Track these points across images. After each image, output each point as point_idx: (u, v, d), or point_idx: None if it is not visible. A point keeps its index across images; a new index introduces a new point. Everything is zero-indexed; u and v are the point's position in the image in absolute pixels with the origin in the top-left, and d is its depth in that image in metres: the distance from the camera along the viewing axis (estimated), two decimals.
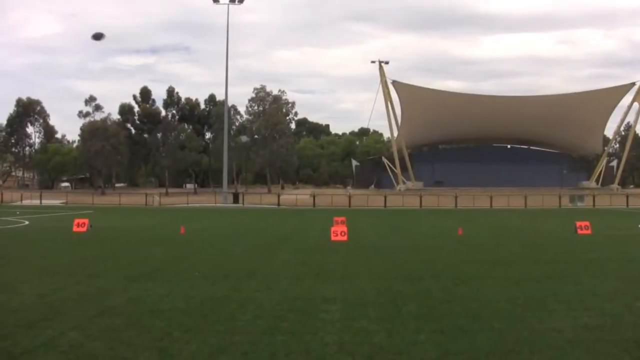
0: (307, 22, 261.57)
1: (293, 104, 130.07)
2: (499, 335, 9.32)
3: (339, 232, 26.14)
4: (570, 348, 8.66)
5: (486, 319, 10.46)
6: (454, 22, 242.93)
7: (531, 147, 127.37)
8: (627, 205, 74.95)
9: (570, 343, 8.91)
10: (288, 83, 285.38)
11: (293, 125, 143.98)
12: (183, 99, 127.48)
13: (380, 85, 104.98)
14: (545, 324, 10.10)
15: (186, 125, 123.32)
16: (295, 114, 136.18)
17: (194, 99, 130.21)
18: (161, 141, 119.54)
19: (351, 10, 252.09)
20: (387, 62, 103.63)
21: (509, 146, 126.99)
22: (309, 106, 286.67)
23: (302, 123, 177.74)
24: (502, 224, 41.52)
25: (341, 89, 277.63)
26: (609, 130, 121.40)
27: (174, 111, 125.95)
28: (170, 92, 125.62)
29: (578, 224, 30.25)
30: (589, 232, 29.32)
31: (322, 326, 10.04)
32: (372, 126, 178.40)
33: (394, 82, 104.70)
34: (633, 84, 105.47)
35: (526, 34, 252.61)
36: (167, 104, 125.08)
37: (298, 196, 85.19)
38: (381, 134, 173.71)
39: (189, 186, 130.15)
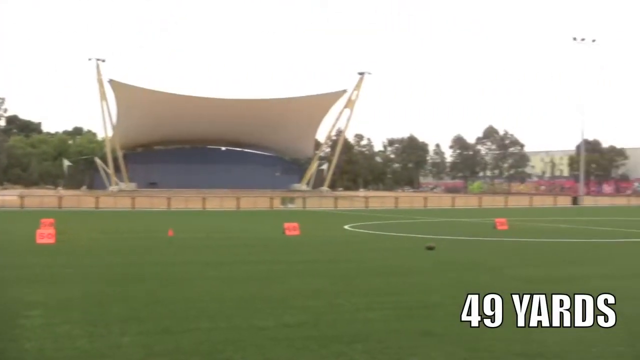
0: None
1: (3, 100, 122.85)
2: (205, 335, 9.37)
3: (45, 234, 24.99)
4: (272, 345, 8.91)
5: (193, 319, 10.48)
6: None
7: (245, 150, 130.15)
8: (336, 207, 79.31)
9: (272, 340, 9.16)
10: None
11: (3, 122, 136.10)
12: None
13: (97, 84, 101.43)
14: (250, 323, 10.29)
15: None
16: (5, 110, 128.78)
17: None
18: None
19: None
20: (103, 60, 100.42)
21: (223, 148, 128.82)
22: (21, 102, 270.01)
23: (13, 120, 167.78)
24: (213, 225, 42.12)
25: (55, 84, 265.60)
26: (321, 135, 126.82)
27: None
28: None
29: (287, 225, 31.22)
30: (297, 233, 30.36)
31: (21, 333, 9.59)
32: (87, 125, 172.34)
33: (111, 81, 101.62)
34: (344, 91, 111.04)
35: None
36: None
37: (5, 197, 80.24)
38: (95, 134, 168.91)
39: None
